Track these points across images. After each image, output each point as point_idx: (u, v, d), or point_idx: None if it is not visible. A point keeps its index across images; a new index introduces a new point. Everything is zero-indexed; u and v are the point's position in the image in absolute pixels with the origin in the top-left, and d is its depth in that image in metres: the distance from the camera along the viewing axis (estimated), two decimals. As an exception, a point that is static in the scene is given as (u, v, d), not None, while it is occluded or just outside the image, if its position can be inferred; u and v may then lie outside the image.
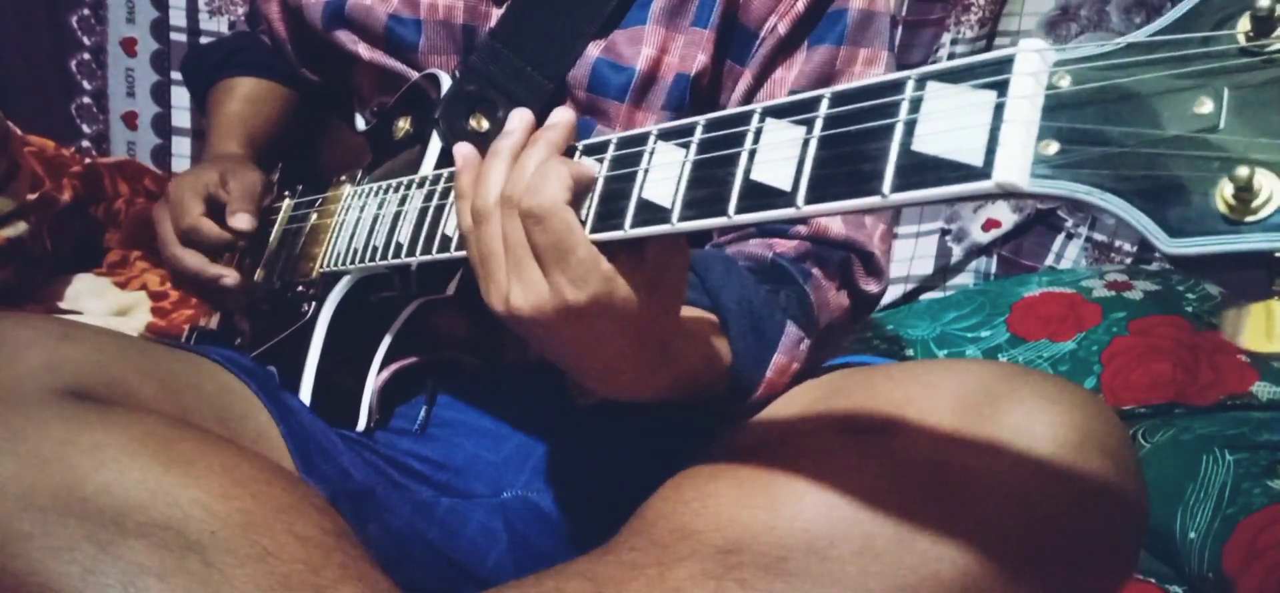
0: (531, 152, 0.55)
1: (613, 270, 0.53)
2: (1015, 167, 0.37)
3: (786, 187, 0.45)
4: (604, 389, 0.63)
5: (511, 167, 0.56)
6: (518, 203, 0.54)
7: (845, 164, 0.43)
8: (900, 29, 1.59)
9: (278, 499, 0.58)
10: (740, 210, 0.47)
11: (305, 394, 0.78)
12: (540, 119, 0.59)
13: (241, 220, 0.87)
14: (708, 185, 0.49)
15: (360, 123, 0.95)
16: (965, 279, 1.71)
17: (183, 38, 1.72)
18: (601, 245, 0.53)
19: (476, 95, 0.80)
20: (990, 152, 0.38)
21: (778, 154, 0.46)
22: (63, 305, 1.35)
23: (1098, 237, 1.66)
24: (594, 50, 0.80)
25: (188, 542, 0.54)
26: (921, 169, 0.40)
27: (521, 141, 0.57)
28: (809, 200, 0.44)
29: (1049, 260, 1.68)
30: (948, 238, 1.70)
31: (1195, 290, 1.40)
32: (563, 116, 0.57)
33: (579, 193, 0.54)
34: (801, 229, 0.79)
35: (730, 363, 0.69)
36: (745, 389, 0.70)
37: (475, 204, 0.57)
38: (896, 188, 0.41)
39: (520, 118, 0.58)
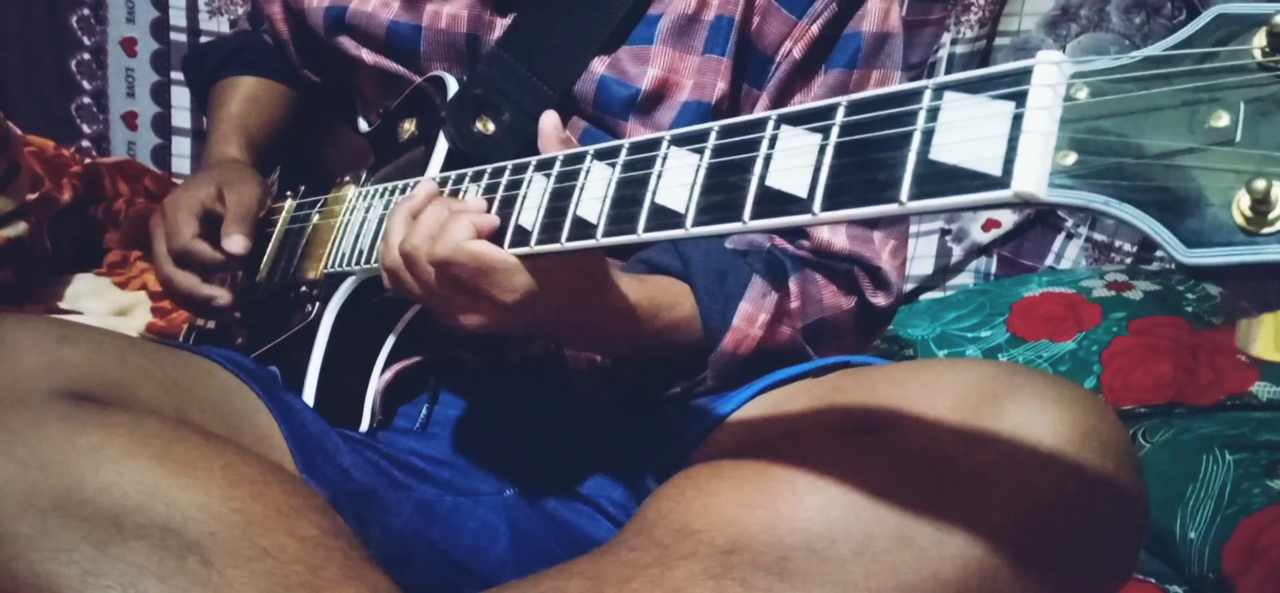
0: (431, 209, 0.63)
1: (521, 263, 0.60)
2: (1034, 176, 0.37)
3: (802, 193, 0.45)
4: (585, 349, 0.73)
5: (410, 224, 0.63)
6: (427, 254, 0.61)
7: (862, 172, 0.43)
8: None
9: (277, 500, 0.58)
10: (755, 216, 0.47)
11: (309, 395, 0.78)
12: None
13: (235, 243, 0.87)
14: (722, 191, 0.49)
15: (363, 124, 0.95)
16: (965, 279, 1.71)
17: (183, 38, 1.72)
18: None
19: (482, 99, 0.80)
20: (1009, 161, 0.38)
21: (793, 161, 0.46)
22: (63, 305, 1.35)
23: (1098, 237, 1.66)
24: (599, 65, 0.81)
25: (187, 543, 0.54)
26: (939, 178, 0.40)
27: (420, 204, 0.64)
28: (825, 207, 0.44)
29: (1049, 260, 1.68)
30: (948, 238, 1.70)
31: (1195, 290, 1.40)
32: (547, 122, 0.64)
33: (483, 233, 0.60)
34: (805, 243, 0.81)
35: (699, 315, 0.74)
36: (715, 337, 0.75)
37: (385, 262, 0.65)
38: (914, 196, 0.41)
39: (424, 186, 0.66)
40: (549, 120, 0.63)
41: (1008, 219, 1.66)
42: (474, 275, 0.60)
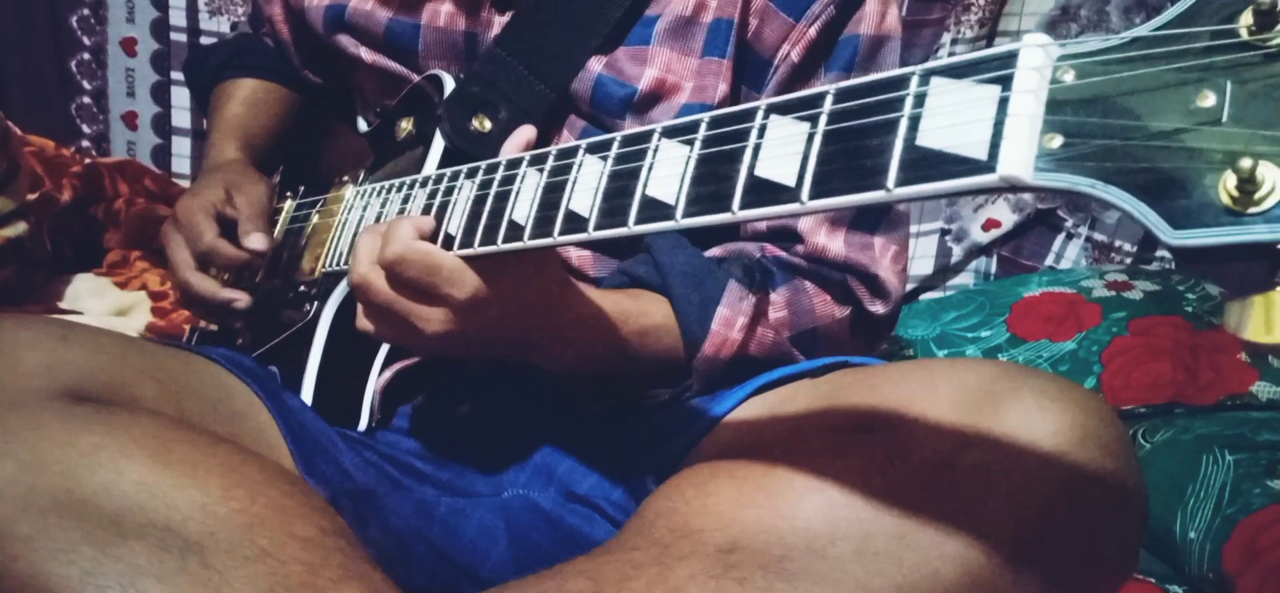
0: (375, 225, 0.66)
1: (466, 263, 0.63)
2: (1019, 160, 0.37)
3: (791, 182, 0.45)
4: (561, 365, 0.73)
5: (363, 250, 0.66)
6: (379, 259, 0.64)
7: (850, 159, 0.43)
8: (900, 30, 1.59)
9: (277, 500, 0.57)
10: (744, 206, 0.47)
11: (307, 394, 0.78)
12: (542, 126, 0.63)
13: (257, 240, 0.87)
14: (711, 182, 0.49)
15: (362, 124, 0.95)
16: (965, 279, 1.71)
17: (183, 38, 1.73)
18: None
19: (479, 97, 0.80)
20: (995, 145, 0.38)
21: (782, 150, 0.46)
22: (63, 305, 1.35)
23: (1098, 237, 1.66)
24: (597, 65, 0.81)
25: (187, 543, 0.54)
26: (926, 163, 0.40)
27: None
28: (813, 196, 0.44)
29: (1049, 260, 1.68)
30: (948, 238, 1.70)
31: (1195, 290, 1.39)
32: (518, 135, 0.67)
33: (425, 235, 0.65)
34: (799, 249, 0.80)
35: (677, 321, 0.75)
36: (695, 342, 0.76)
37: (369, 296, 0.67)
38: (901, 182, 0.41)
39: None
40: (521, 135, 0.67)
41: (1008, 219, 1.66)
42: (424, 272, 0.63)
